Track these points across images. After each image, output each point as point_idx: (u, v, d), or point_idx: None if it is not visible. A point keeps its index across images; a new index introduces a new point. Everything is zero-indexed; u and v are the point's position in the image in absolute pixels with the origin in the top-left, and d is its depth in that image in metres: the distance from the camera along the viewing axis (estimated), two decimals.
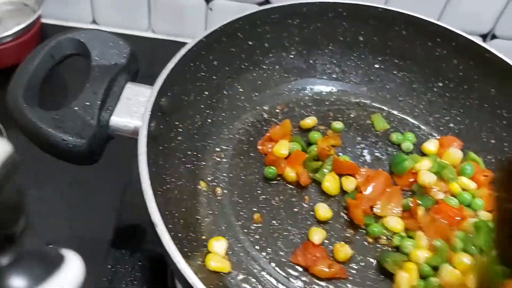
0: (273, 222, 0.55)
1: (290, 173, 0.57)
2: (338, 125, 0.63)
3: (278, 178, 0.58)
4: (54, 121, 0.46)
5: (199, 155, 0.58)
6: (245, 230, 0.54)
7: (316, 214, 0.55)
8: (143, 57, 0.59)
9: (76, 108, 0.48)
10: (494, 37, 0.90)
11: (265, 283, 0.50)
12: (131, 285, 0.57)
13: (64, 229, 0.62)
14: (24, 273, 0.24)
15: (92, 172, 0.58)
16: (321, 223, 0.55)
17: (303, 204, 0.56)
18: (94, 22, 0.92)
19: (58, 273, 0.25)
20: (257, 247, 0.52)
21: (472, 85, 0.63)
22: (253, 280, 0.50)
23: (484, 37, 0.91)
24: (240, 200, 0.56)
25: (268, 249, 0.52)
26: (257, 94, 0.65)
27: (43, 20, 0.87)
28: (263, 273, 0.51)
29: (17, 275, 0.24)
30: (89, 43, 0.53)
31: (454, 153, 0.60)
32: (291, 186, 0.58)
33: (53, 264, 0.25)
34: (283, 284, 0.50)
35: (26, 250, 0.25)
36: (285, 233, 0.54)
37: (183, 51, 0.53)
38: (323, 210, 0.55)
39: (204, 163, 0.59)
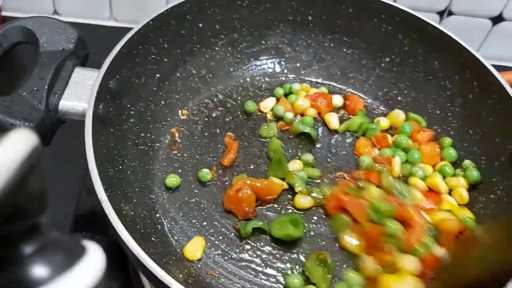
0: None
1: None
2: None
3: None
4: (1, 107, 0.47)
5: (152, 137, 0.60)
6: None
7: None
8: (105, 46, 0.59)
9: (24, 93, 0.49)
10: (450, 13, 0.92)
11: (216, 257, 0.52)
12: None
13: None
14: (47, 262, 0.24)
15: (51, 158, 0.60)
16: None
17: None
18: (55, 13, 0.93)
19: (80, 264, 0.25)
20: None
21: (417, 59, 0.65)
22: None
23: (441, 14, 0.93)
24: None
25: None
26: (210, 75, 0.67)
27: (4, 13, 0.87)
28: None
29: (40, 265, 0.24)
30: (37, 30, 0.54)
31: (398, 114, 0.64)
32: None
33: (75, 254, 0.25)
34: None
35: (49, 239, 0.25)
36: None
37: (129, 35, 0.55)
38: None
39: (158, 144, 0.60)
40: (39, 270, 0.24)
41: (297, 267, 0.52)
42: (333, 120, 0.65)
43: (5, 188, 0.21)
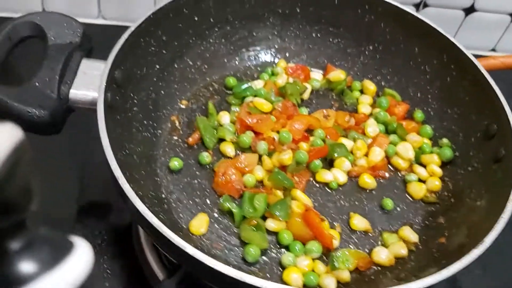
0: None
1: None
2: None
3: None
4: (17, 96, 0.51)
5: (155, 124, 0.63)
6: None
7: None
8: (94, 44, 0.63)
9: (36, 83, 0.53)
10: (426, 5, 0.98)
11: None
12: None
13: None
14: (34, 259, 0.24)
15: (52, 150, 0.62)
16: None
17: None
18: (44, 11, 0.95)
19: (67, 260, 0.25)
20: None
21: (398, 46, 0.70)
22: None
23: (417, 6, 0.98)
24: None
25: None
26: (206, 66, 0.70)
27: None
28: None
29: (27, 261, 0.24)
30: (45, 25, 0.57)
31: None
32: None
33: (62, 250, 0.25)
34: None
35: (36, 235, 0.25)
36: None
37: (132, 28, 0.58)
38: None
39: (160, 131, 0.64)
40: (26, 267, 0.24)
41: None
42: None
43: None
